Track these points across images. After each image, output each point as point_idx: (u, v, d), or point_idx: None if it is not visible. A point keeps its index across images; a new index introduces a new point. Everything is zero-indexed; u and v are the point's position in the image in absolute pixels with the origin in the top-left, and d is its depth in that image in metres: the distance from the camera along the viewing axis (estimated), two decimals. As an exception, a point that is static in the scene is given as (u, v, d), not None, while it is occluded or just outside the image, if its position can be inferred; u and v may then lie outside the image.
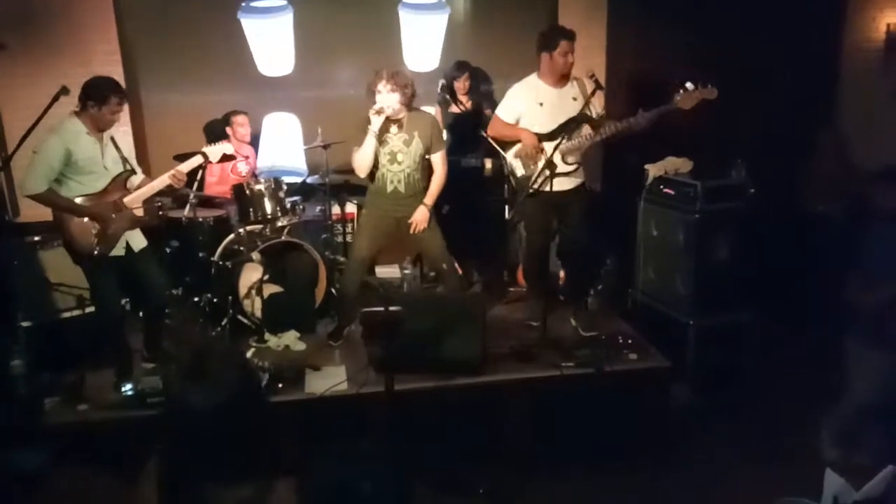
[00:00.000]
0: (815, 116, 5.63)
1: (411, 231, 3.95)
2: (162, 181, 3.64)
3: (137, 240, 3.72)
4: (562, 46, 3.88)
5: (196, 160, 3.82)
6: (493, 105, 5.35)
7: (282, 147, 5.06)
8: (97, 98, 3.41)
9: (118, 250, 3.60)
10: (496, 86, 5.50)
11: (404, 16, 5.40)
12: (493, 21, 5.70)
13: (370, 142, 3.78)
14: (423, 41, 5.50)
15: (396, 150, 3.86)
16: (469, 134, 5.22)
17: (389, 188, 3.91)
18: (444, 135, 5.38)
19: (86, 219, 3.48)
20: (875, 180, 5.04)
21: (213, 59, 5.43)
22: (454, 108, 5.21)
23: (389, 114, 3.76)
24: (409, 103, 3.82)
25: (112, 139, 3.60)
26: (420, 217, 3.93)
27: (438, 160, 3.94)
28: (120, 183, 3.59)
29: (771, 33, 5.37)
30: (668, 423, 3.72)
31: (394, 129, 3.85)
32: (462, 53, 5.31)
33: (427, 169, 3.97)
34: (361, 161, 3.85)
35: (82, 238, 3.49)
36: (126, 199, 3.58)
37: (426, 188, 3.96)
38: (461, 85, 5.16)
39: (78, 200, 3.46)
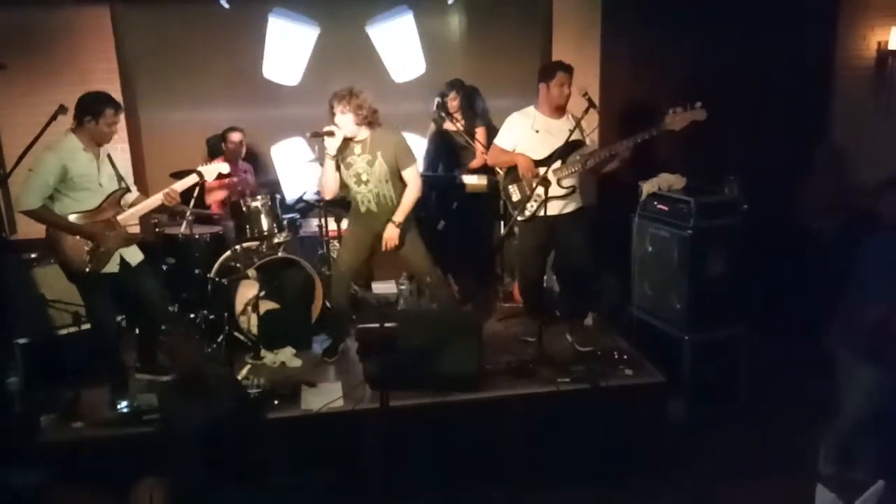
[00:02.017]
0: (807, 133, 5.68)
1: (383, 249, 3.98)
2: (156, 199, 3.66)
3: (133, 255, 3.73)
4: (558, 77, 3.95)
5: (191, 179, 3.83)
6: (488, 122, 5.42)
7: (303, 172, 5.25)
8: (93, 112, 3.42)
9: (112, 267, 3.60)
10: (491, 104, 5.55)
11: (372, 33, 5.58)
12: (489, 40, 5.76)
13: (328, 164, 3.86)
14: (397, 49, 5.66)
15: (361, 171, 3.88)
16: (463, 150, 5.26)
17: (363, 209, 3.95)
18: (436, 150, 5.42)
19: (78, 237, 3.49)
20: (866, 195, 5.09)
21: (211, 78, 5.48)
22: (448, 125, 5.25)
23: (348, 134, 3.79)
24: (369, 123, 3.81)
25: (108, 156, 3.61)
26: (389, 235, 3.91)
27: (410, 176, 3.91)
28: (114, 200, 3.60)
29: (763, 51, 5.44)
30: (663, 438, 3.72)
31: (357, 150, 3.87)
32: (458, 72, 5.36)
33: (402, 185, 3.94)
34: (323, 183, 3.95)
35: (75, 256, 3.49)
36: (120, 217, 3.58)
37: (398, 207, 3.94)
38: (452, 102, 5.21)
39: (72, 217, 3.47)
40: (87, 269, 3.51)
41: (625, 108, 5.45)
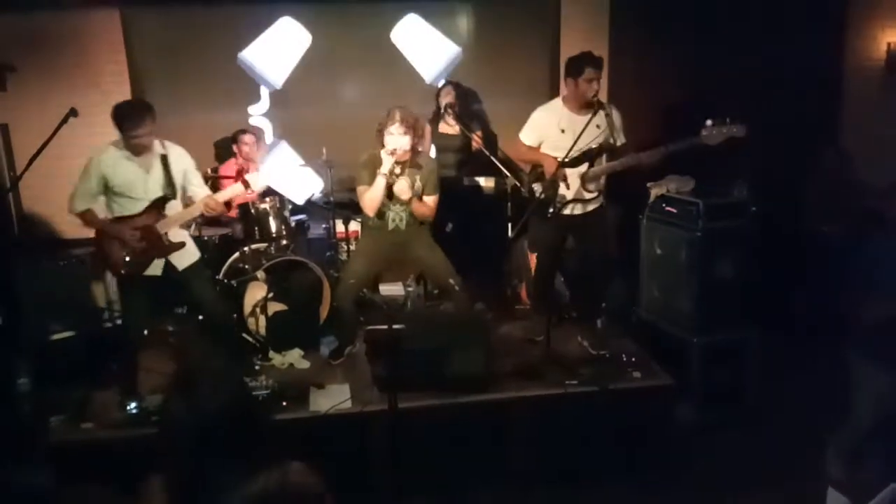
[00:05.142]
0: (817, 134, 5.66)
1: None
2: (196, 208, 3.67)
3: (180, 258, 3.70)
4: (587, 73, 3.81)
5: (236, 188, 3.75)
6: (484, 124, 5.40)
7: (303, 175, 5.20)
8: (116, 124, 3.44)
9: (154, 270, 3.63)
10: (498, 105, 5.54)
11: (395, 38, 5.40)
12: (497, 41, 5.75)
13: (381, 182, 3.76)
14: (423, 47, 5.43)
15: (399, 190, 3.86)
16: (460, 152, 5.21)
17: (391, 225, 3.93)
18: (435, 152, 5.40)
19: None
20: (878, 197, 5.06)
21: (221, 80, 5.50)
22: (443, 127, 5.18)
23: (400, 155, 3.77)
24: (417, 144, 3.84)
25: (163, 158, 3.59)
26: None
27: (431, 203, 3.94)
28: (155, 208, 3.60)
29: (773, 52, 5.42)
30: (671, 441, 3.71)
31: (398, 170, 3.86)
32: (466, 73, 5.35)
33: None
34: (372, 201, 3.81)
35: (113, 257, 3.57)
36: (159, 225, 3.60)
37: (423, 223, 3.98)
38: (447, 97, 5.15)
39: (114, 221, 3.56)
40: (123, 272, 3.58)
41: (633, 110, 5.43)
